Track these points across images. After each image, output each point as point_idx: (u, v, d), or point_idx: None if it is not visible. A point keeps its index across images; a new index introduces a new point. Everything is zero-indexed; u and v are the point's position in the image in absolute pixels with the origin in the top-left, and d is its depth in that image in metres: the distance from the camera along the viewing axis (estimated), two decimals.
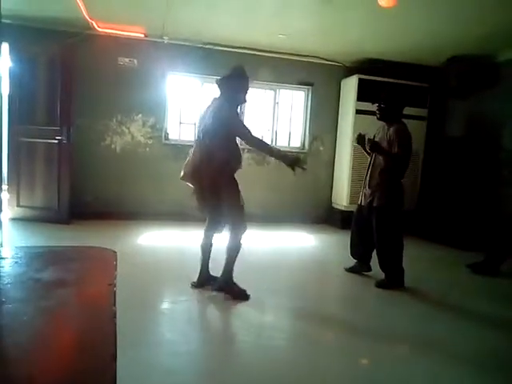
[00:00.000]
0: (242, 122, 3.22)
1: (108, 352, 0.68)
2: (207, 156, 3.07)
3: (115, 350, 0.69)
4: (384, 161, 3.64)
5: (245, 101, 3.30)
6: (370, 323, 2.99)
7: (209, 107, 3.22)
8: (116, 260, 1.10)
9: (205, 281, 3.33)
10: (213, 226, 3.33)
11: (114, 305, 0.85)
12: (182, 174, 3.24)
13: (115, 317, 0.79)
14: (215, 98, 3.24)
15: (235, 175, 3.17)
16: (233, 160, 3.11)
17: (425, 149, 6.27)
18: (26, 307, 0.86)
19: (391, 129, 3.68)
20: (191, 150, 3.26)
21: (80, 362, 0.68)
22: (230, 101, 3.15)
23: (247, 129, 3.11)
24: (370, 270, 3.93)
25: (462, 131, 5.96)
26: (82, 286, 1.00)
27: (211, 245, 3.36)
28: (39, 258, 1.20)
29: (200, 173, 3.11)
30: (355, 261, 4.03)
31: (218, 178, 3.07)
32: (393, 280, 3.66)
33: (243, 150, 3.57)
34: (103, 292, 0.92)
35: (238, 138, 3.13)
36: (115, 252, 1.18)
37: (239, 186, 3.17)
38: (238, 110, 3.31)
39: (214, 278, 3.30)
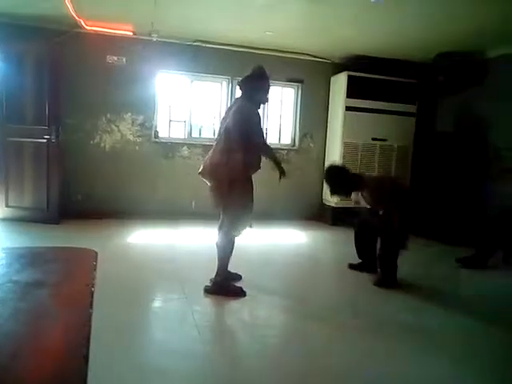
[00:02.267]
0: (257, 126, 3.15)
1: (80, 353, 0.68)
2: (224, 156, 3.09)
3: (87, 352, 0.69)
4: None
5: (266, 100, 3.32)
6: (365, 319, 3.00)
7: (231, 107, 3.29)
8: (96, 260, 1.10)
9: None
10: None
11: (91, 306, 0.85)
12: (200, 169, 3.26)
13: (91, 318, 0.79)
14: (237, 99, 3.33)
15: (252, 178, 3.21)
16: (249, 162, 3.10)
17: (414, 145, 6.31)
18: (2, 309, 0.86)
19: (365, 192, 3.74)
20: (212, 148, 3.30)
21: (51, 363, 0.68)
22: (251, 101, 3.18)
23: (260, 135, 3.16)
24: (374, 271, 3.88)
25: (451, 127, 6.01)
26: (60, 287, 1.00)
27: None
28: (20, 258, 1.20)
29: (216, 171, 3.13)
30: (350, 256, 4.04)
31: (232, 178, 3.07)
32: (389, 277, 3.67)
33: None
34: (80, 293, 0.92)
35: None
36: (96, 252, 1.18)
37: (252, 191, 3.20)
38: (260, 110, 3.28)
39: (234, 275, 3.43)
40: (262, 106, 3.30)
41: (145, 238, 4.88)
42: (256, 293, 3.30)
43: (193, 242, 4.89)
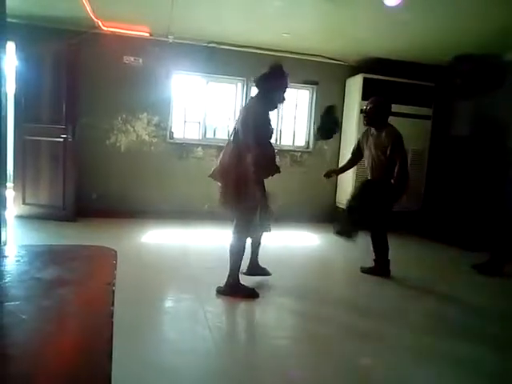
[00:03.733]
0: (258, 128, 2.98)
1: (104, 351, 0.69)
2: (235, 157, 3.04)
3: (111, 349, 0.70)
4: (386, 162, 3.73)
5: (283, 99, 3.19)
6: (377, 323, 2.98)
7: (244, 107, 3.19)
8: (116, 259, 1.11)
9: (255, 269, 3.51)
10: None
11: (112, 304, 0.86)
12: (211, 171, 3.23)
13: (112, 316, 0.80)
14: (251, 97, 3.21)
15: (265, 181, 3.09)
16: (260, 165, 2.96)
17: (430, 148, 6.25)
18: (26, 306, 0.87)
19: (383, 134, 3.72)
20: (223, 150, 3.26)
21: (76, 360, 0.69)
22: (266, 100, 3.08)
23: (259, 140, 2.95)
24: (387, 275, 3.92)
25: (468, 131, 5.92)
26: (81, 286, 1.01)
27: (258, 239, 3.43)
28: (41, 256, 1.22)
29: (227, 173, 3.09)
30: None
31: (242, 180, 3.00)
32: (382, 268, 3.85)
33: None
34: (102, 291, 0.94)
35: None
36: (115, 251, 1.19)
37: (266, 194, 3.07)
38: (276, 109, 3.20)
39: (263, 270, 3.52)
40: (278, 105, 3.18)
41: (158, 238, 4.91)
42: (268, 294, 3.30)
43: (205, 242, 4.91)
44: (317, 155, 6.43)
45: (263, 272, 3.55)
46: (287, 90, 3.19)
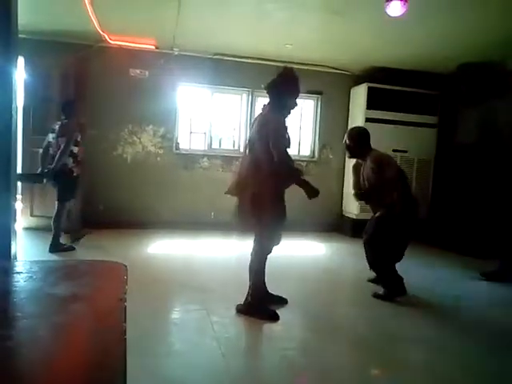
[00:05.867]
0: (279, 136, 2.86)
1: (117, 368, 0.70)
2: (254, 169, 2.89)
3: (125, 367, 0.71)
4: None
5: (295, 105, 3.04)
6: (384, 335, 2.97)
7: (258, 115, 3.03)
8: (126, 274, 1.13)
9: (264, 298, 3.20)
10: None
11: (125, 321, 0.87)
12: (227, 189, 3.07)
13: (125, 333, 0.82)
14: (264, 106, 3.05)
15: (283, 193, 3.05)
16: (280, 175, 2.85)
17: (435, 156, 6.24)
18: (41, 322, 0.88)
19: (368, 162, 3.61)
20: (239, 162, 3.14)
21: (90, 379, 0.70)
22: (278, 107, 2.95)
23: (280, 147, 2.84)
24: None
25: (474, 139, 5.91)
26: (94, 301, 1.02)
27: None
28: (53, 272, 1.23)
29: (246, 186, 2.92)
30: (367, 271, 3.99)
31: (260, 192, 2.86)
32: (392, 290, 3.59)
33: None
34: (114, 307, 0.95)
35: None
36: (126, 266, 1.20)
37: (284, 207, 3.04)
38: (290, 115, 3.03)
39: (273, 297, 3.24)
40: (291, 111, 3.02)
41: (165, 249, 4.93)
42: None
43: (212, 252, 4.92)
44: (322, 165, 6.45)
45: (276, 300, 3.28)
46: (299, 94, 3.04)
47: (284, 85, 2.96)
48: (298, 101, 3.06)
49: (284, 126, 2.95)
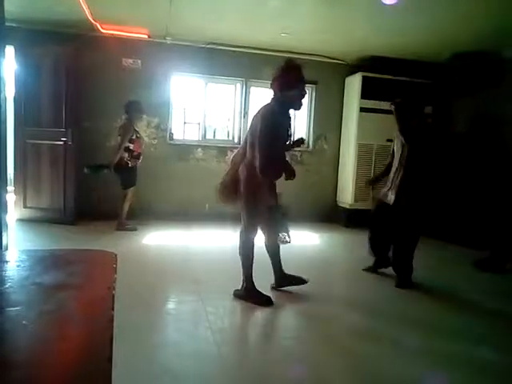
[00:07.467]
0: (269, 135, 2.85)
1: (104, 355, 0.70)
2: (244, 157, 3.01)
3: (111, 353, 0.70)
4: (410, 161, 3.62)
5: (301, 97, 2.97)
6: (385, 322, 2.98)
7: (259, 110, 3.01)
8: (116, 263, 1.12)
9: (281, 280, 3.40)
10: (265, 233, 3.32)
11: (113, 308, 0.86)
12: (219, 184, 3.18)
13: (113, 321, 0.81)
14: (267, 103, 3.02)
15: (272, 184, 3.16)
16: (268, 168, 2.89)
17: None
18: (27, 311, 0.88)
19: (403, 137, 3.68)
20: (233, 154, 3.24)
21: (76, 365, 0.70)
22: (281, 99, 2.93)
23: (267, 142, 2.83)
24: (389, 264, 3.86)
25: (468, 128, 5.92)
26: (82, 290, 1.01)
27: (273, 247, 3.37)
28: (41, 261, 1.22)
29: (234, 169, 3.08)
30: (366, 259, 4.01)
31: (247, 177, 2.98)
32: (406, 279, 3.66)
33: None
34: (102, 295, 0.94)
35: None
36: (115, 254, 1.19)
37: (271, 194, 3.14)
38: (296, 108, 2.99)
39: (292, 277, 3.41)
40: (297, 104, 2.95)
41: (159, 240, 4.92)
42: (271, 294, 3.29)
43: (206, 243, 4.91)
44: (317, 155, 6.44)
45: (296, 280, 3.40)
46: (302, 87, 2.96)
47: (284, 79, 2.91)
48: (304, 89, 2.99)
49: (280, 123, 2.95)
